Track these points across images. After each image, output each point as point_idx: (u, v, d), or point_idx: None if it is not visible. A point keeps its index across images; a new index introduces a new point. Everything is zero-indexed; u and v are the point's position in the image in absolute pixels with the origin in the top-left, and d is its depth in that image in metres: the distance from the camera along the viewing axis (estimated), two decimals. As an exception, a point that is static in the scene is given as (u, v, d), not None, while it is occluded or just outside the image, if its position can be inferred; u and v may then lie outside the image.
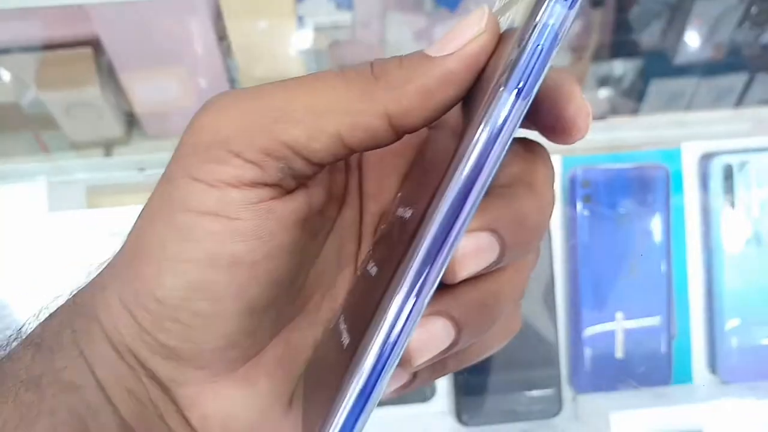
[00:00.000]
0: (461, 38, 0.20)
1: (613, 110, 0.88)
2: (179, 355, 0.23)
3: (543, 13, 0.17)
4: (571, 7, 0.17)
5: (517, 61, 0.18)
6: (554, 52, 0.17)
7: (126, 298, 0.23)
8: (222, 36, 0.68)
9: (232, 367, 0.24)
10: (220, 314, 0.23)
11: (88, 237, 0.53)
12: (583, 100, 0.21)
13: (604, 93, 0.88)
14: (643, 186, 0.55)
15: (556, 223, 0.57)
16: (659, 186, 0.55)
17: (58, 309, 0.25)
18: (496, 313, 0.22)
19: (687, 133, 0.65)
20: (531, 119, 0.22)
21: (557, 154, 0.56)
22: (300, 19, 0.73)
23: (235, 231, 0.22)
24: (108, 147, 0.75)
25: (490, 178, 0.18)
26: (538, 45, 0.17)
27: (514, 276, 0.22)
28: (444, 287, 0.20)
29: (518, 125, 0.18)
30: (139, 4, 0.64)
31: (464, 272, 0.20)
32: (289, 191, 0.22)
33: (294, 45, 0.73)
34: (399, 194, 0.26)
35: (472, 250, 0.20)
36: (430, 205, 0.18)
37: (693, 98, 0.87)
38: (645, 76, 0.86)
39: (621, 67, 0.87)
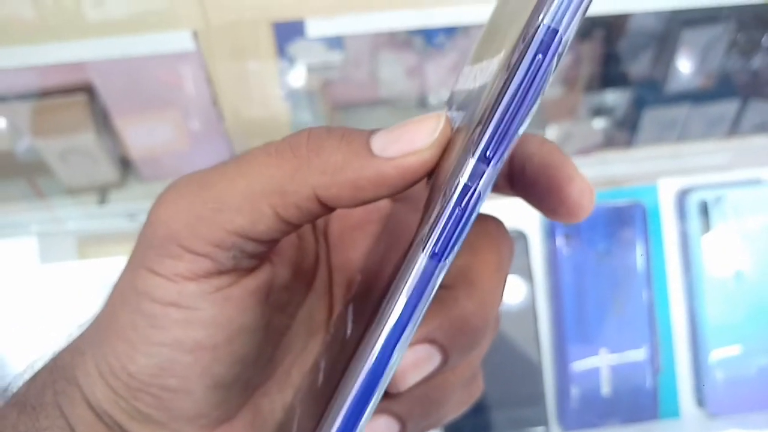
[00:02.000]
0: (407, 144, 0.20)
1: (608, 141, 0.91)
2: (154, 420, 0.25)
3: (463, 172, 0.17)
4: (494, 165, 0.17)
5: (435, 223, 0.18)
6: (474, 216, 0.17)
7: (101, 366, 0.24)
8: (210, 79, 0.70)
9: (218, 420, 0.26)
10: (188, 390, 0.24)
11: (80, 289, 0.56)
12: (584, 180, 0.22)
13: (598, 124, 0.90)
14: (621, 223, 0.57)
15: (538, 261, 0.59)
16: (637, 222, 0.57)
17: (41, 369, 0.26)
18: (442, 401, 0.24)
19: (672, 166, 0.68)
20: (533, 202, 0.23)
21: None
22: (290, 60, 0.75)
23: (195, 320, 0.23)
24: (103, 191, 0.76)
25: (421, 314, 0.18)
26: (457, 209, 0.17)
27: (459, 368, 0.24)
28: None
29: (437, 285, 0.18)
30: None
31: (405, 385, 0.23)
32: (250, 270, 0.24)
33: (284, 86, 0.75)
34: (366, 264, 0.27)
35: (411, 363, 0.22)
36: (374, 320, 0.19)
37: (686, 126, 0.89)
38: (637, 106, 0.88)
39: (613, 98, 0.90)
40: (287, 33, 0.64)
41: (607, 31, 0.86)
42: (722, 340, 0.58)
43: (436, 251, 0.18)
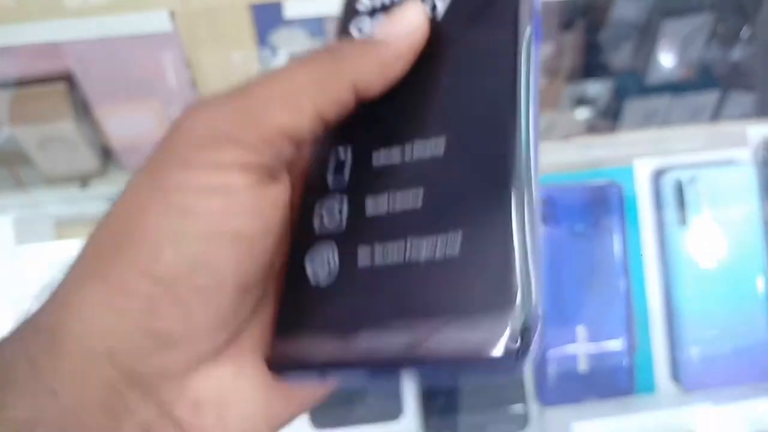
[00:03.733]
0: (405, 26, 0.26)
1: (591, 131, 0.93)
2: (170, 339, 0.24)
3: None
4: None
5: None
6: None
7: (106, 294, 0.23)
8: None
9: (219, 350, 0.25)
10: (219, 289, 0.24)
11: (56, 268, 0.57)
12: None
13: (581, 114, 0.92)
14: (598, 204, 0.60)
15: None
16: (614, 203, 0.60)
17: (4, 341, 0.24)
18: None
19: (651, 150, 0.70)
20: None
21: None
22: (272, 48, 0.77)
23: (236, 207, 0.23)
24: (84, 180, 0.78)
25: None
26: None
27: None
28: None
29: None
30: (111, 39, 0.68)
31: None
32: (276, 178, 0.25)
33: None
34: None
35: None
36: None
37: (667, 116, 0.92)
38: (619, 96, 0.91)
39: (595, 88, 0.92)
40: (266, 16, 0.66)
41: (589, 21, 0.88)
42: (697, 318, 0.60)
43: None
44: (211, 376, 0.25)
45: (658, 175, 0.61)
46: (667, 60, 0.89)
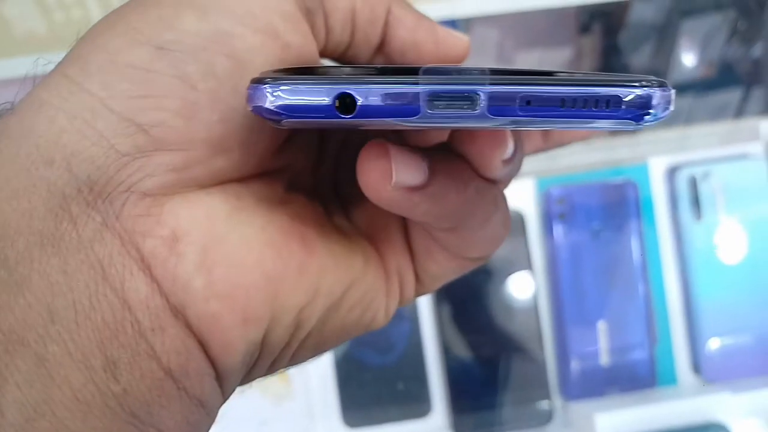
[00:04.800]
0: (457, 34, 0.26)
1: (614, 132, 0.95)
2: (158, 134, 0.19)
3: None
4: None
5: None
6: None
7: (87, 71, 0.19)
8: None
9: (214, 177, 0.21)
10: (234, 80, 0.20)
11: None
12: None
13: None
14: (614, 201, 0.63)
15: (535, 239, 0.64)
16: (630, 201, 0.63)
17: None
18: (462, 192, 0.23)
19: (671, 148, 0.72)
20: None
21: (531, 176, 0.64)
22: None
23: (278, 5, 0.22)
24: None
25: None
26: None
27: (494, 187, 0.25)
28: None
29: None
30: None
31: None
32: (312, 21, 0.24)
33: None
34: None
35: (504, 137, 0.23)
36: None
37: (690, 116, 0.93)
38: (641, 97, 0.92)
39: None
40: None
41: (607, 24, 0.90)
42: (716, 311, 0.63)
43: None
44: (198, 204, 0.21)
45: (672, 171, 0.64)
46: (687, 59, 0.90)
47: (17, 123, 0.19)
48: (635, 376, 0.63)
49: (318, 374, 0.63)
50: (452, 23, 0.75)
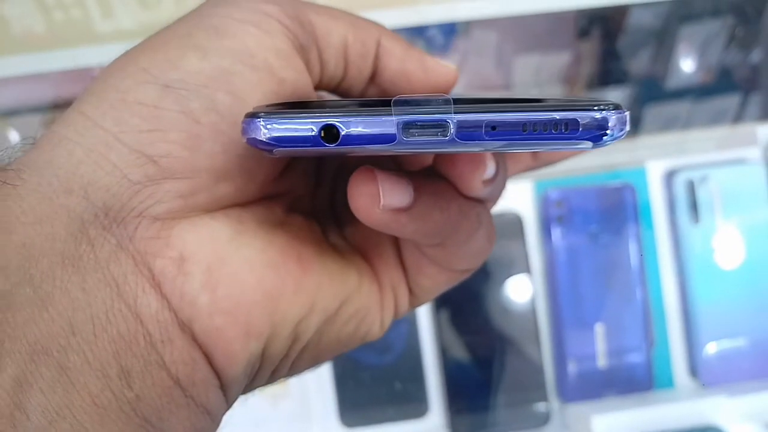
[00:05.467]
0: (445, 64, 0.28)
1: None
2: (166, 165, 0.21)
3: None
4: None
5: None
6: None
7: (101, 109, 0.22)
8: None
9: (218, 202, 0.23)
10: (234, 114, 0.22)
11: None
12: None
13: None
14: (612, 204, 0.63)
15: (533, 241, 0.65)
16: (627, 204, 0.63)
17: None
18: (445, 211, 0.25)
19: (668, 152, 0.73)
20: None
21: (529, 178, 0.65)
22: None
23: (272, 43, 0.23)
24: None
25: None
26: None
27: (475, 206, 0.26)
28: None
29: None
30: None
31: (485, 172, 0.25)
32: (306, 58, 0.25)
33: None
34: None
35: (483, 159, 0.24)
36: None
37: (688, 122, 0.94)
38: (638, 103, 0.93)
39: (614, 96, 0.94)
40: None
41: (606, 29, 0.91)
42: (713, 314, 0.63)
43: None
44: (203, 228, 0.23)
45: (670, 175, 0.65)
46: (685, 65, 0.90)
47: (39, 156, 0.21)
48: (632, 379, 0.63)
49: (315, 374, 0.64)
50: (451, 27, 0.75)
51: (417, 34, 0.74)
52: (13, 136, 0.76)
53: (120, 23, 0.68)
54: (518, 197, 0.65)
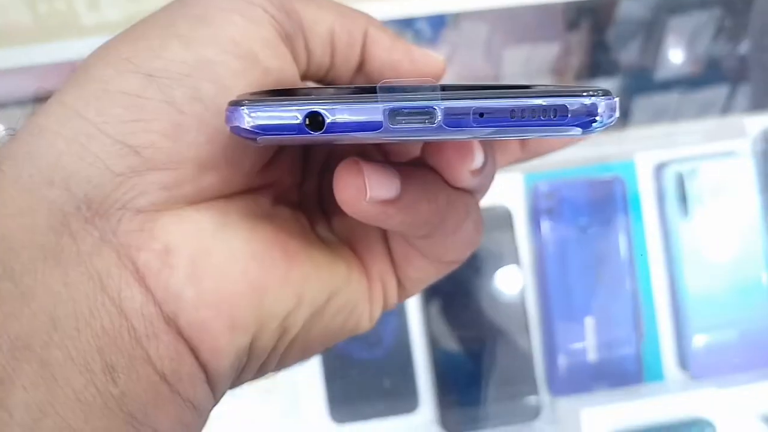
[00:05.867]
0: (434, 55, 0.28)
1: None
2: (149, 156, 0.21)
3: None
4: None
5: None
6: None
7: (82, 98, 0.21)
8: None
9: (202, 194, 0.23)
10: (218, 104, 0.22)
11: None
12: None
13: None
14: (601, 197, 0.63)
15: (523, 235, 0.65)
16: (617, 196, 0.63)
17: None
18: (433, 202, 0.24)
19: (658, 144, 0.73)
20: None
21: (519, 171, 0.65)
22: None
23: (256, 32, 0.23)
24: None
25: None
26: None
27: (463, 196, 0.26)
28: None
29: None
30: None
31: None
32: (292, 46, 0.25)
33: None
34: None
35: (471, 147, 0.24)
36: None
37: (677, 113, 0.94)
38: (627, 94, 0.93)
39: (603, 86, 0.94)
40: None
41: (595, 20, 0.91)
42: (702, 307, 0.64)
43: None
44: (188, 220, 0.22)
45: (659, 168, 0.65)
46: (674, 56, 0.91)
47: (19, 147, 0.21)
48: (622, 372, 0.64)
49: (304, 369, 0.64)
50: (440, 19, 0.75)
51: (405, 26, 0.74)
52: (-1, 130, 0.76)
53: (106, 15, 0.68)
54: (507, 189, 0.65)
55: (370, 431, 0.64)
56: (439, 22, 0.76)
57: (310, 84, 0.28)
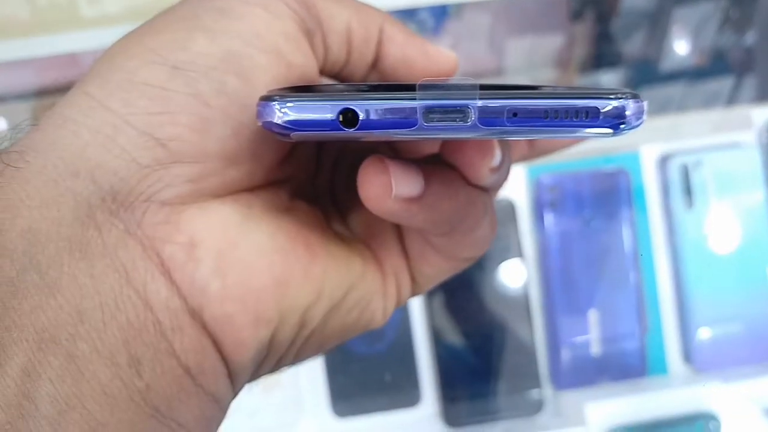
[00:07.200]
0: (446, 51, 0.28)
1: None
2: (175, 149, 0.21)
3: None
4: None
5: None
6: None
7: (107, 90, 0.21)
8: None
9: (227, 187, 0.23)
10: (243, 98, 0.22)
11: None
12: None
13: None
14: (605, 189, 0.63)
15: (527, 228, 0.65)
16: (621, 189, 0.63)
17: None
18: (454, 200, 0.25)
19: (662, 136, 0.73)
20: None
21: (522, 165, 0.64)
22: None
23: (280, 27, 0.23)
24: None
25: None
26: None
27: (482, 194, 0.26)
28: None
29: None
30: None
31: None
32: (312, 42, 0.25)
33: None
34: None
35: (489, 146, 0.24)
36: None
37: (682, 104, 0.94)
38: (632, 85, 0.93)
39: (607, 78, 0.94)
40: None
41: (599, 11, 0.91)
42: (706, 300, 0.63)
43: None
44: (213, 213, 0.22)
45: (664, 160, 0.64)
46: (679, 47, 0.90)
47: (42, 137, 0.21)
48: (626, 366, 0.63)
49: (307, 364, 0.63)
50: (443, 9, 0.75)
51: (408, 16, 0.74)
52: (1, 124, 0.76)
53: (106, 8, 0.68)
54: (511, 183, 0.64)
55: (372, 425, 0.64)
56: (441, 13, 0.76)
57: (324, 81, 0.28)
